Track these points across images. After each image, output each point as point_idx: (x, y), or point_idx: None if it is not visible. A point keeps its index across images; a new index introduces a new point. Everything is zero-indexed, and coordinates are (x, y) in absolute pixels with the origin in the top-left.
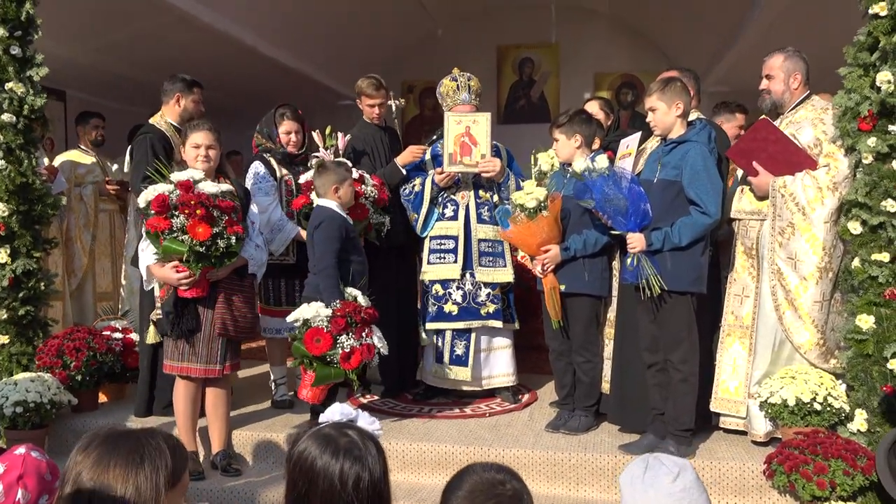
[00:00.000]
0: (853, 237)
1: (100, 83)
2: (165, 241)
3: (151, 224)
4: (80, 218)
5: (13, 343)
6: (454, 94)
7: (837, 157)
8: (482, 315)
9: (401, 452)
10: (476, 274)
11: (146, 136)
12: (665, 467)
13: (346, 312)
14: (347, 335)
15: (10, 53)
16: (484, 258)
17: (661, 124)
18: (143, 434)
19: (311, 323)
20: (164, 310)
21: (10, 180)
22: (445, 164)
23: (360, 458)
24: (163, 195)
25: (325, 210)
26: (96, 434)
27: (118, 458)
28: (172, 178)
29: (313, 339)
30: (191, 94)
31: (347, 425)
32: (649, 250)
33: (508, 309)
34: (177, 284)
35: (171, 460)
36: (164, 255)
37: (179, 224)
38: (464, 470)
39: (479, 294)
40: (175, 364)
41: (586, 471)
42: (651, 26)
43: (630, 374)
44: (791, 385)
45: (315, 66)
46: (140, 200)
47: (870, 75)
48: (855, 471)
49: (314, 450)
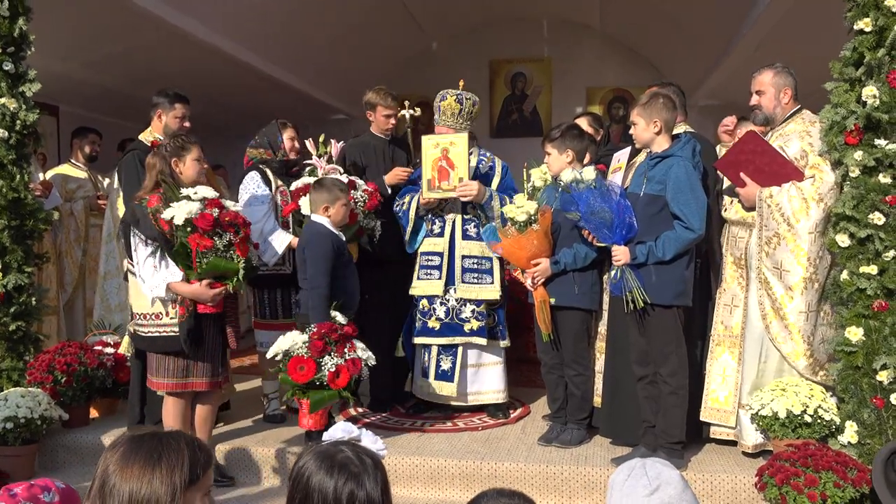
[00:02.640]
0: (841, 250)
1: (92, 98)
2: (210, 259)
3: (194, 242)
4: (71, 233)
5: (4, 358)
6: (449, 116)
7: (823, 168)
8: (465, 332)
9: (393, 466)
10: (458, 290)
11: (133, 153)
12: (645, 478)
13: (321, 334)
14: (329, 355)
15: (3, 69)
16: (468, 274)
17: (639, 139)
18: (167, 436)
19: (292, 353)
20: (186, 327)
21: (2, 195)
22: (424, 191)
23: (355, 475)
24: (209, 215)
25: (316, 227)
26: (126, 434)
27: (139, 457)
28: (196, 195)
29: (297, 367)
30: (172, 109)
31: (348, 443)
32: (633, 263)
33: (497, 326)
34: (210, 301)
35: (190, 460)
36: (206, 272)
37: (225, 243)
38: (478, 497)
39: (463, 310)
40: (177, 381)
41: (579, 484)
42: (642, 41)
43: (621, 387)
44: (782, 397)
45: (308, 81)
46: (176, 217)
47: (856, 90)
48: (846, 483)
49: (311, 465)
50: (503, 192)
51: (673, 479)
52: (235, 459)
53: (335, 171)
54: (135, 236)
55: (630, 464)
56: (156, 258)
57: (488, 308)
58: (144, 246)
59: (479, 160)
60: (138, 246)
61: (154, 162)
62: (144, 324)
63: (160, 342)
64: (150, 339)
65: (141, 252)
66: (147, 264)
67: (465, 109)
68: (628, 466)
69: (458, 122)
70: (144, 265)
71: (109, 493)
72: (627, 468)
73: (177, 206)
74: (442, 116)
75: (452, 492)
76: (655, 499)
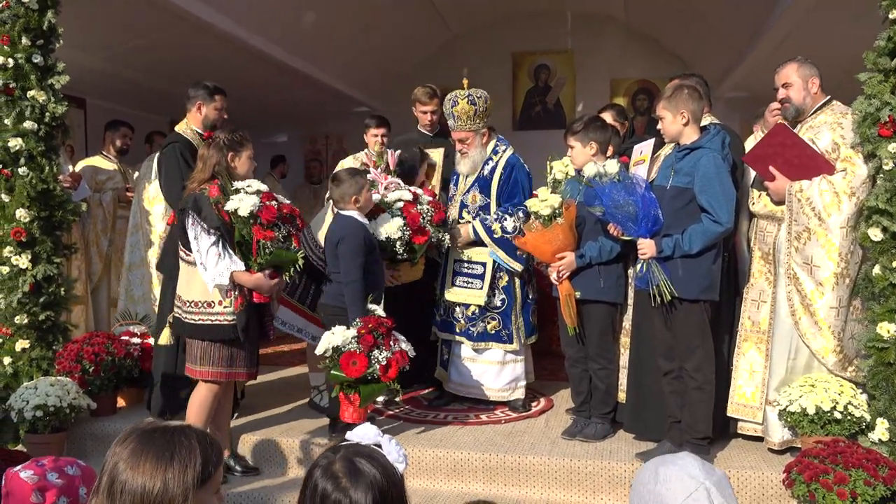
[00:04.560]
0: (874, 244)
1: (119, 91)
2: (274, 250)
3: (260, 233)
4: (98, 224)
5: (34, 348)
6: (466, 120)
7: (855, 161)
8: (456, 331)
9: (417, 459)
10: (446, 293)
11: (173, 145)
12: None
13: (369, 329)
14: (379, 349)
15: (32, 62)
16: (458, 278)
17: (668, 132)
18: (178, 431)
19: (343, 348)
20: (245, 316)
21: (32, 187)
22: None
23: (342, 489)
24: (273, 207)
25: (348, 221)
26: (135, 428)
27: (149, 454)
28: (251, 189)
29: (349, 363)
30: (212, 101)
31: (362, 453)
32: (660, 257)
33: (503, 330)
34: (269, 291)
35: (202, 458)
36: (268, 263)
37: (284, 234)
38: None
39: (455, 311)
40: (223, 370)
41: (603, 479)
42: (667, 32)
43: (646, 381)
44: (811, 393)
45: (331, 74)
46: (241, 209)
47: (890, 80)
48: (876, 481)
49: (318, 472)
50: (508, 197)
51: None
52: (260, 450)
53: (396, 185)
54: (196, 224)
55: (687, 487)
56: (219, 247)
57: (493, 312)
58: (207, 235)
59: (484, 162)
60: (200, 234)
61: (212, 154)
62: (194, 311)
63: (213, 330)
64: (198, 327)
65: (204, 240)
66: (211, 253)
67: (480, 108)
68: (685, 490)
69: (475, 123)
70: (208, 253)
71: (120, 490)
72: (684, 492)
73: (238, 199)
74: (458, 122)
75: (475, 485)
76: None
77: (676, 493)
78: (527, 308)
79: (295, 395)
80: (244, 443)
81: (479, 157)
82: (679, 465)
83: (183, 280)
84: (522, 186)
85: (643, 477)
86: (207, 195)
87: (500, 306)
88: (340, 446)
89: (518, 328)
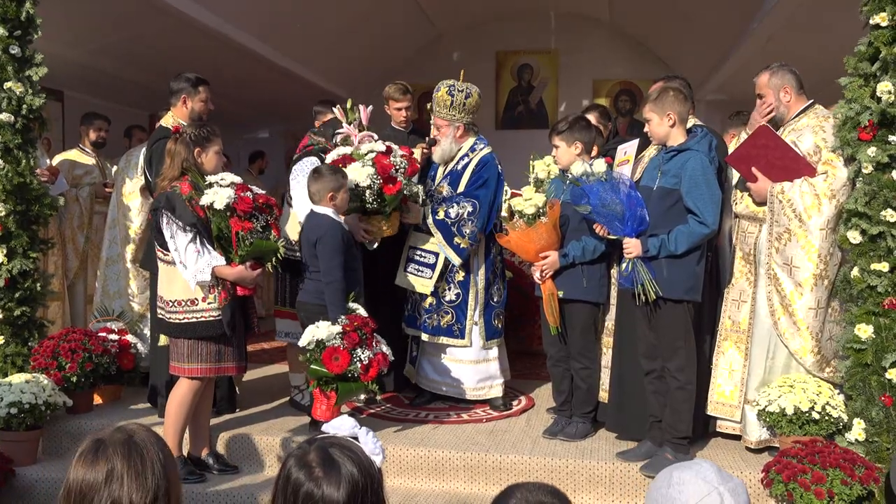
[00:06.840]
0: (852, 246)
1: (98, 84)
2: (254, 241)
3: (238, 225)
4: (75, 220)
5: (8, 344)
6: (443, 107)
7: (836, 164)
8: (417, 324)
9: (397, 457)
10: (398, 277)
11: (164, 140)
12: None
13: (355, 326)
14: (362, 348)
15: (10, 53)
16: (410, 265)
17: (656, 134)
18: (140, 442)
19: (326, 343)
20: (230, 311)
21: (8, 180)
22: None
23: (315, 479)
24: (248, 198)
25: (324, 219)
26: (95, 439)
27: (114, 465)
28: (224, 182)
29: (332, 358)
30: (197, 93)
31: (337, 444)
32: (645, 256)
33: (455, 325)
34: (252, 283)
35: (166, 471)
36: (249, 255)
37: (262, 224)
38: (511, 488)
39: (420, 305)
40: (211, 366)
41: (583, 478)
42: (650, 34)
43: (628, 380)
44: (789, 394)
45: (315, 71)
46: (217, 202)
47: (870, 85)
48: (853, 480)
49: (292, 462)
50: (467, 195)
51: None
52: (239, 448)
53: (369, 137)
54: (171, 223)
55: (700, 490)
56: (197, 243)
57: (447, 306)
58: (184, 232)
59: (460, 158)
60: (177, 233)
61: (179, 150)
62: (178, 310)
63: (199, 328)
64: (183, 326)
65: (181, 239)
66: (189, 250)
67: (457, 101)
68: (697, 494)
69: (451, 113)
70: (186, 251)
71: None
72: (696, 495)
73: (213, 192)
74: (436, 107)
75: (457, 483)
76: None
77: (688, 497)
78: (490, 309)
79: (275, 394)
80: (223, 441)
81: (448, 147)
82: (695, 469)
83: (163, 280)
84: (487, 182)
85: (658, 481)
86: (179, 192)
87: (454, 300)
88: (316, 438)
89: (476, 325)
